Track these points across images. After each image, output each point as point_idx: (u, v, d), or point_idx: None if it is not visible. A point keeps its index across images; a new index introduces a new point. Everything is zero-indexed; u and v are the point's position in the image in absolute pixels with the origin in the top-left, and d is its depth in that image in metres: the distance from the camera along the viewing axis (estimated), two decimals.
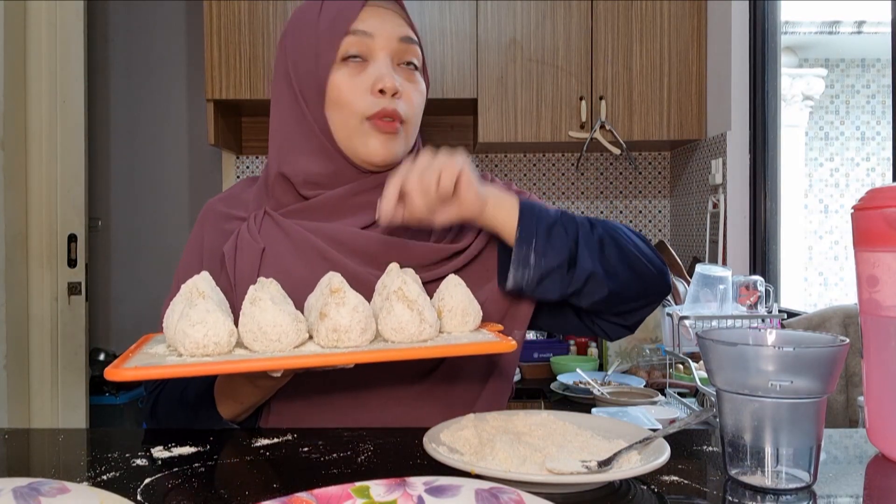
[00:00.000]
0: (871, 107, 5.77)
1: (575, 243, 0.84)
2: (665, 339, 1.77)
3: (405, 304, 0.72)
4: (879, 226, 0.71)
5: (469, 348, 0.72)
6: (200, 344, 0.67)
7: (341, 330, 0.70)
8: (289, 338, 0.69)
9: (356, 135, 0.90)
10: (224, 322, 0.69)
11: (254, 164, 2.87)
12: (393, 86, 0.88)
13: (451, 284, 0.79)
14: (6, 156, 2.27)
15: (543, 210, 0.86)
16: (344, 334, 0.70)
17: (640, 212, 2.90)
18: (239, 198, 1.01)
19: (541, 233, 0.83)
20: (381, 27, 0.90)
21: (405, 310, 0.72)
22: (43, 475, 0.61)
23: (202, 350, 0.68)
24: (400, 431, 0.82)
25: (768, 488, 0.63)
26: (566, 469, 0.62)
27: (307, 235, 0.91)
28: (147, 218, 3.39)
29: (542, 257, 0.82)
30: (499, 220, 0.84)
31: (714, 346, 0.65)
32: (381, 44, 0.90)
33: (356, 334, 0.70)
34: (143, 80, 3.37)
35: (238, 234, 0.93)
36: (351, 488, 0.56)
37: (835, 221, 5.79)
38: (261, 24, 2.45)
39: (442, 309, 0.77)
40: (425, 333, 0.73)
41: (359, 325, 0.70)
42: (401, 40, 0.91)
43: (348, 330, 0.70)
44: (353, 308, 0.70)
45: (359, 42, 0.89)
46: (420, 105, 0.94)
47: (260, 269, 0.90)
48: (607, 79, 2.49)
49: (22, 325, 2.39)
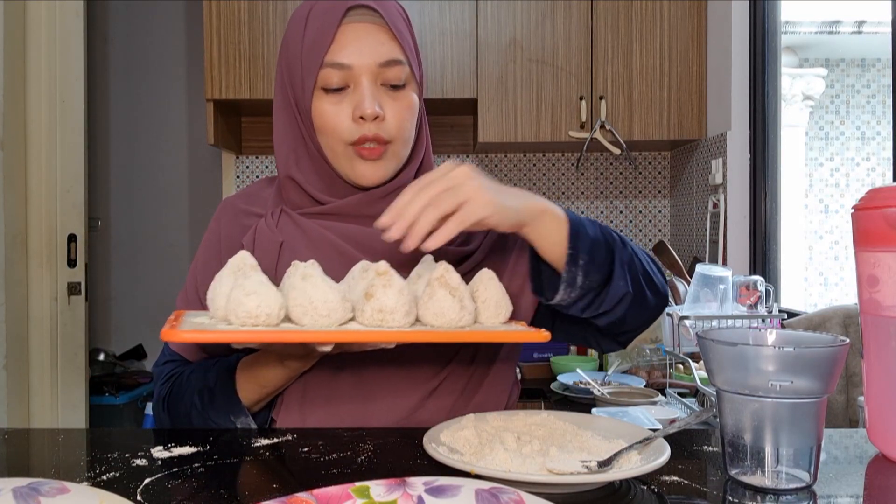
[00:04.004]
0: (871, 107, 5.77)
1: (612, 263, 0.84)
2: (665, 339, 1.77)
3: (447, 290, 0.74)
4: (879, 226, 0.71)
5: (505, 336, 0.77)
6: (253, 314, 0.69)
7: (387, 310, 0.72)
8: (337, 314, 0.72)
9: (343, 160, 0.91)
10: (276, 295, 0.71)
11: (253, 164, 2.87)
12: (373, 112, 0.87)
13: (485, 278, 0.81)
14: (6, 156, 2.27)
15: (586, 225, 0.84)
16: (389, 315, 0.72)
17: (640, 212, 2.90)
18: (257, 196, 1.02)
19: (587, 251, 0.82)
20: (359, 55, 0.87)
21: (447, 296, 0.74)
22: (43, 475, 0.61)
23: (254, 320, 0.70)
24: (400, 431, 0.83)
25: (768, 488, 0.63)
26: (566, 469, 0.62)
27: (324, 232, 0.92)
28: (147, 218, 3.39)
29: (586, 278, 0.82)
30: (545, 235, 0.81)
31: (714, 346, 0.65)
32: (361, 71, 0.88)
33: (401, 315, 0.72)
34: (142, 80, 3.37)
35: (256, 228, 0.94)
36: (351, 488, 0.56)
37: (835, 221, 5.79)
38: (261, 24, 2.45)
39: (476, 300, 0.79)
40: (464, 320, 0.75)
41: (403, 306, 0.72)
42: (382, 65, 0.88)
43: (394, 311, 0.72)
44: (399, 290, 0.72)
45: (337, 74, 0.87)
46: (409, 119, 0.92)
47: (278, 261, 0.91)
48: (607, 79, 2.48)
49: (22, 325, 2.39)
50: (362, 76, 0.88)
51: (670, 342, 1.72)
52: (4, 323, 2.26)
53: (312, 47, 0.88)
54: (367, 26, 0.88)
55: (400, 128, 0.90)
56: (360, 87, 0.88)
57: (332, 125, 0.89)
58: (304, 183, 0.94)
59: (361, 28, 0.88)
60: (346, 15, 0.88)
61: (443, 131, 2.86)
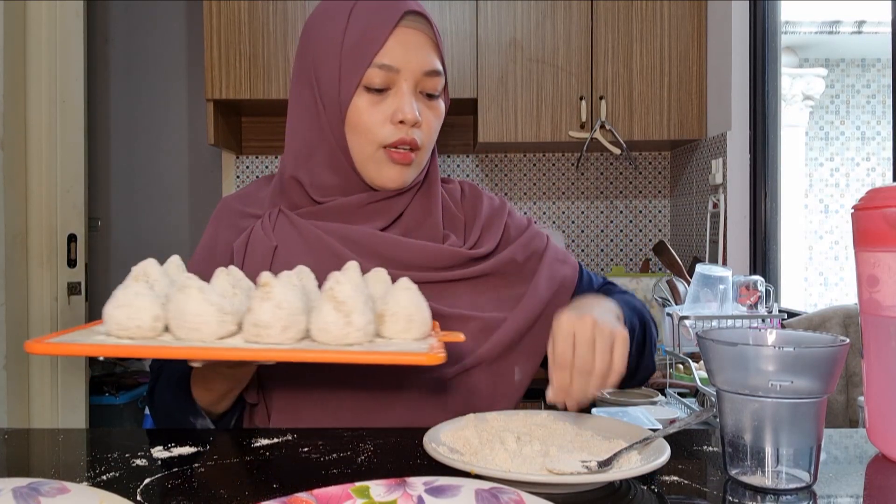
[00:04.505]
0: (871, 107, 5.77)
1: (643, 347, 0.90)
2: (665, 339, 1.77)
3: (333, 304, 0.68)
4: (879, 226, 0.71)
5: (387, 357, 0.66)
6: (124, 325, 0.67)
7: (262, 325, 0.67)
8: (210, 328, 0.67)
9: (371, 161, 0.91)
10: (150, 307, 0.68)
11: (253, 164, 2.87)
12: (414, 118, 0.89)
13: (398, 288, 0.74)
14: (6, 156, 2.27)
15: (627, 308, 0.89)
16: (264, 330, 0.67)
17: (640, 212, 2.90)
18: (255, 196, 1.02)
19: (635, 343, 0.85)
20: (406, 60, 0.89)
21: (331, 311, 0.68)
22: (43, 475, 0.61)
23: (126, 332, 0.67)
24: (400, 431, 0.82)
25: (768, 488, 0.63)
26: (566, 469, 0.62)
27: (321, 235, 0.92)
28: (147, 218, 3.38)
29: None
30: None
31: (714, 346, 0.65)
32: (406, 76, 0.89)
33: (276, 331, 0.67)
34: (143, 80, 3.37)
35: (251, 231, 0.94)
36: (351, 488, 0.56)
37: (835, 221, 5.79)
38: (261, 24, 2.45)
39: (384, 313, 0.72)
40: (351, 337, 0.68)
41: (280, 322, 0.67)
42: (425, 74, 0.90)
43: (268, 326, 0.67)
44: (277, 305, 0.67)
45: (383, 75, 0.88)
46: (437, 129, 0.95)
47: (272, 266, 0.91)
48: (607, 79, 2.49)
49: (22, 325, 2.39)
50: (406, 81, 0.89)
51: (670, 342, 1.72)
52: (4, 323, 2.26)
53: (359, 45, 0.88)
54: (418, 34, 0.90)
55: (430, 137, 0.94)
56: (401, 91, 0.89)
57: (368, 125, 0.89)
58: (308, 185, 0.94)
59: (413, 34, 0.90)
60: (402, 18, 0.89)
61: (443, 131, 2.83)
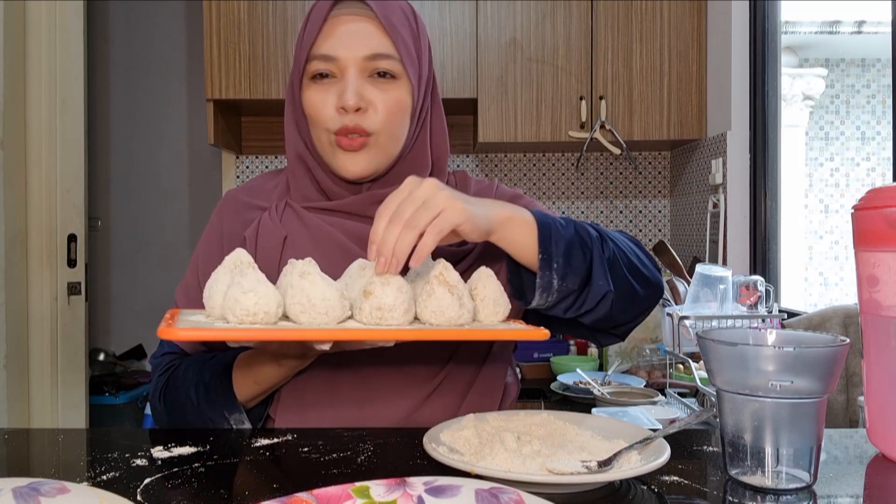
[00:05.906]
0: (871, 107, 5.77)
1: (590, 263, 0.81)
2: (665, 339, 1.77)
3: (446, 288, 0.74)
4: (879, 226, 0.71)
5: (505, 333, 0.77)
6: (251, 311, 0.69)
7: (385, 308, 0.71)
8: (335, 312, 0.71)
9: (327, 150, 0.92)
10: (274, 292, 0.71)
11: (253, 164, 2.87)
12: (354, 104, 0.87)
13: (483, 275, 0.80)
14: (6, 156, 2.27)
15: (558, 227, 0.81)
16: (388, 312, 0.71)
17: (640, 212, 2.90)
18: (261, 189, 1.03)
19: (561, 254, 0.79)
20: (344, 47, 0.88)
21: (446, 293, 0.73)
22: (43, 475, 0.61)
23: (251, 318, 0.69)
24: (400, 431, 0.83)
25: (768, 488, 0.63)
26: (566, 469, 0.62)
27: (327, 228, 0.93)
28: (147, 218, 3.39)
29: (562, 281, 0.80)
30: (515, 241, 0.79)
31: (714, 346, 0.65)
32: (347, 63, 0.89)
33: (399, 313, 0.72)
34: (142, 80, 3.37)
35: (260, 221, 0.95)
36: (351, 488, 0.56)
37: (835, 221, 5.79)
38: (261, 24, 2.45)
39: (475, 298, 0.79)
40: (463, 318, 0.74)
41: (402, 304, 0.72)
42: (367, 58, 0.89)
43: (392, 308, 0.71)
44: (398, 288, 0.72)
45: (322, 65, 0.90)
46: (398, 113, 0.91)
47: (281, 257, 0.91)
48: (607, 79, 2.48)
49: (22, 324, 2.39)
50: (348, 68, 0.89)
51: (670, 342, 1.72)
52: (4, 323, 2.25)
53: (302, 40, 0.91)
54: (356, 19, 0.90)
55: (386, 121, 0.90)
56: (346, 77, 0.89)
57: (316, 114, 0.91)
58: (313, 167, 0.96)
59: (350, 21, 0.90)
60: (333, 8, 0.90)
61: None
